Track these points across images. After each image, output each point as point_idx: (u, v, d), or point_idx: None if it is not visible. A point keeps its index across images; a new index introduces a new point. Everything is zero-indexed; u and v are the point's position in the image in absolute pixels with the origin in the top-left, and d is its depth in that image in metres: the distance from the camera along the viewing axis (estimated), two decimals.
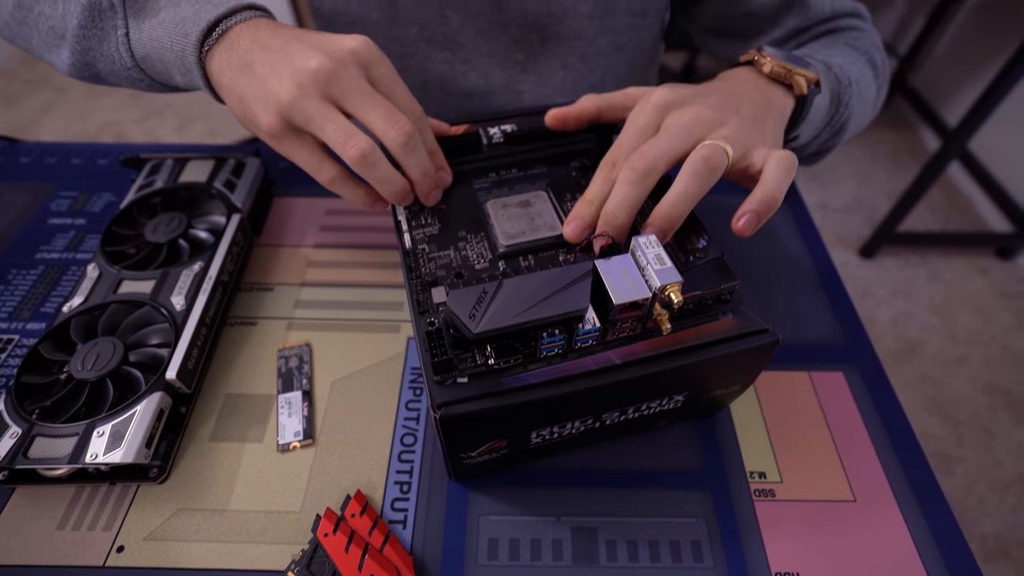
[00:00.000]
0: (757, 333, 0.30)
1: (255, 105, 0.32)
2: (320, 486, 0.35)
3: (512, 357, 0.27)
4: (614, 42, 0.53)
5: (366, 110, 0.31)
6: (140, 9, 0.35)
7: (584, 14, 0.50)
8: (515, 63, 0.53)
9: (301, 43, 0.31)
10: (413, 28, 0.51)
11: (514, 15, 0.50)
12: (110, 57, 0.37)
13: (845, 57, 0.45)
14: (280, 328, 0.42)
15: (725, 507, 0.34)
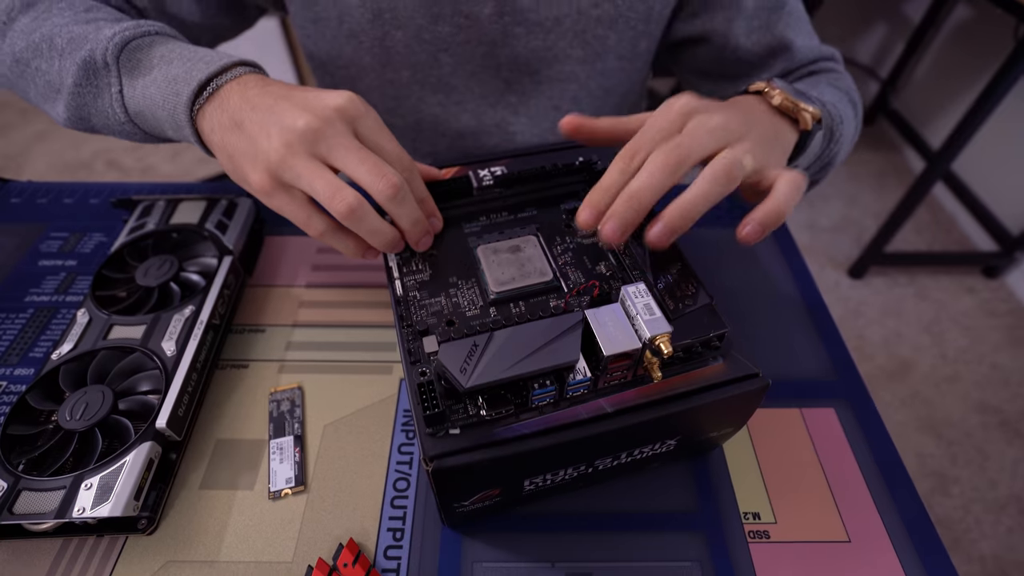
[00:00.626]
0: (747, 378, 0.30)
1: (245, 163, 0.32)
2: (312, 534, 0.34)
3: (504, 408, 0.28)
4: (604, 84, 0.54)
5: (353, 165, 0.31)
6: (134, 67, 0.36)
7: (575, 58, 0.51)
8: (507, 104, 0.54)
9: (288, 102, 0.32)
10: (406, 72, 0.51)
11: (506, 59, 0.51)
12: (104, 113, 0.37)
13: (832, 95, 0.47)
14: (272, 370, 0.42)
15: (720, 550, 0.34)
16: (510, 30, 0.49)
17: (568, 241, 0.36)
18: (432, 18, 0.48)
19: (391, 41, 0.49)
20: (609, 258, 0.35)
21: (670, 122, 0.33)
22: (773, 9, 0.50)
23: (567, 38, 0.50)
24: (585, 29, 0.49)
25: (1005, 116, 1.49)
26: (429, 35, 0.49)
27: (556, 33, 0.49)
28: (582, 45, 0.50)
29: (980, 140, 1.56)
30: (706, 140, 0.32)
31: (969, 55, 1.68)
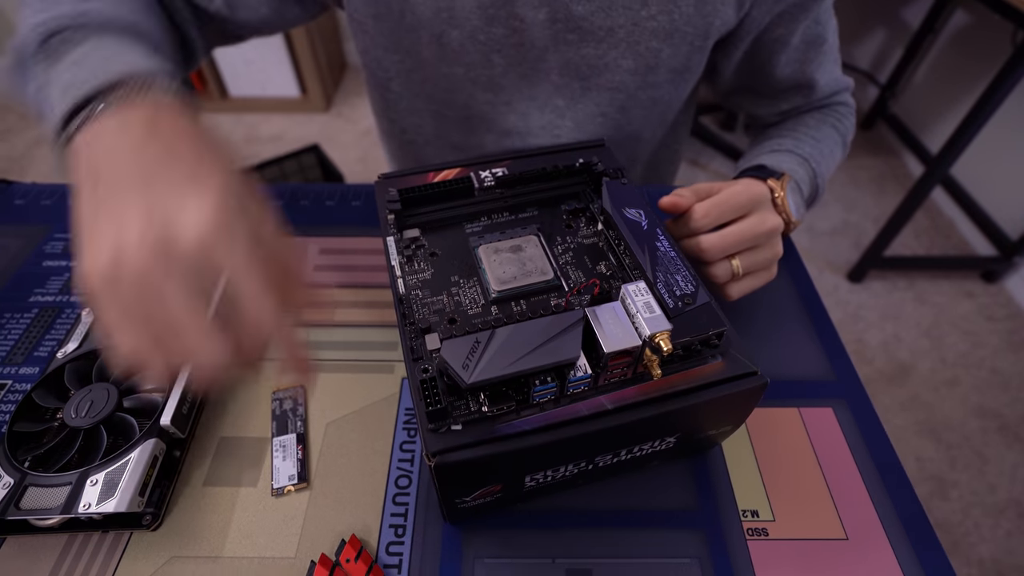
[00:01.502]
0: (746, 376, 0.30)
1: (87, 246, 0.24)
2: (315, 530, 0.34)
3: (506, 404, 0.28)
4: (653, 96, 0.55)
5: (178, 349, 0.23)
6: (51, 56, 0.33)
7: (626, 69, 0.51)
8: (554, 108, 0.55)
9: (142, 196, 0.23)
10: (460, 68, 0.52)
11: (557, 64, 0.52)
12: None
13: (827, 144, 0.53)
14: (274, 369, 0.42)
15: (719, 547, 0.34)
16: (562, 36, 0.49)
17: (569, 241, 0.37)
18: (487, 20, 0.48)
19: (447, 39, 0.50)
20: (609, 258, 0.36)
21: (742, 204, 0.41)
22: (813, 45, 0.52)
23: (619, 48, 0.50)
24: (639, 41, 0.49)
25: (1004, 121, 1.50)
26: (483, 36, 0.50)
27: (608, 43, 0.49)
28: (634, 56, 0.50)
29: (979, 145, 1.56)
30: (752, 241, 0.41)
31: (968, 60, 1.69)
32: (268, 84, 1.94)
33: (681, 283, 0.32)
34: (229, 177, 0.25)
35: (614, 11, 0.47)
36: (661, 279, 0.32)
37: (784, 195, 0.44)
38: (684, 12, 0.48)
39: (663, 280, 0.32)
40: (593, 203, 0.39)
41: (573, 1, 0.47)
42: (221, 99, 1.97)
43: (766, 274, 0.43)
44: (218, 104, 1.98)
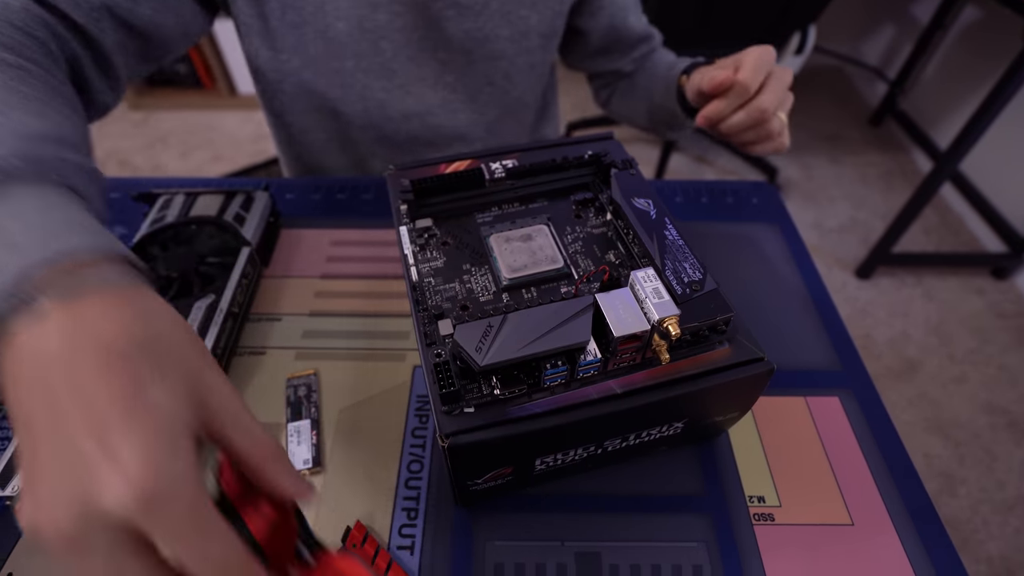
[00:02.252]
0: (753, 362, 0.31)
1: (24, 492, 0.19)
2: (329, 513, 0.35)
3: (517, 387, 0.29)
4: (529, 60, 0.59)
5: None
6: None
7: (504, 37, 0.55)
8: (446, 84, 0.59)
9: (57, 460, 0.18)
10: (351, 61, 0.54)
11: (442, 42, 0.55)
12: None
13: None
14: (288, 357, 0.43)
15: (725, 531, 0.35)
16: (443, 14, 0.52)
17: (578, 231, 0.37)
18: (371, 7, 0.51)
19: (333, 32, 0.52)
20: (618, 247, 0.36)
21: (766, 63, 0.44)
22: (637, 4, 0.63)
23: (495, 19, 0.54)
24: (510, 11, 0.54)
25: (1015, 117, 1.49)
26: (370, 23, 0.52)
27: (485, 15, 0.53)
28: (508, 25, 0.55)
29: (989, 142, 1.55)
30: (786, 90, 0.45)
31: (977, 56, 1.68)
32: None
33: (689, 270, 0.32)
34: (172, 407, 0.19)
35: None
36: (669, 266, 0.32)
37: None
38: None
39: (671, 267, 0.32)
40: (602, 194, 0.39)
41: None
42: (230, 96, 1.99)
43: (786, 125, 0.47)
44: (226, 101, 1.99)
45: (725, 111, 0.45)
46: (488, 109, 0.62)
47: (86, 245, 0.22)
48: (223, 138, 1.95)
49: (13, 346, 0.20)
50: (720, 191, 0.58)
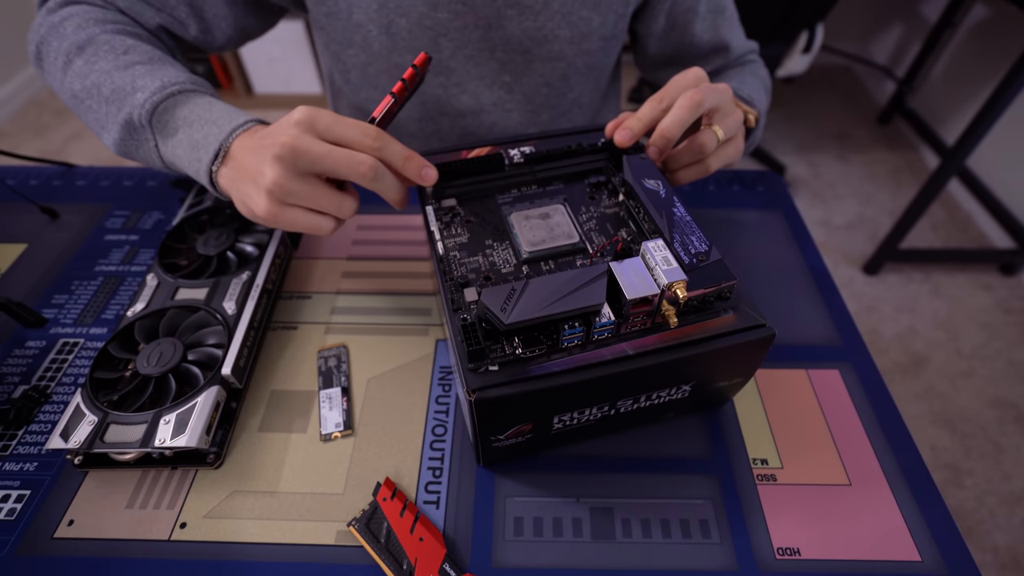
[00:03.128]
0: (755, 328, 0.33)
1: (251, 201, 0.36)
2: (360, 471, 0.38)
3: (537, 347, 0.31)
4: (588, 62, 0.60)
5: (331, 167, 0.35)
6: (163, 128, 0.41)
7: (563, 38, 0.56)
8: (502, 84, 0.59)
9: (265, 139, 0.36)
10: (410, 56, 0.56)
11: (500, 40, 0.56)
12: (146, 158, 0.43)
13: (755, 88, 0.57)
14: (319, 332, 0.46)
15: (730, 490, 0.37)
16: (503, 12, 0.53)
17: (592, 210, 0.40)
18: (432, 5, 0.53)
19: (396, 28, 0.54)
20: (630, 225, 0.39)
21: (686, 84, 0.41)
22: (717, 12, 0.59)
23: (555, 20, 0.54)
24: (571, 11, 0.54)
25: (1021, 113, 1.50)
26: (429, 21, 0.54)
27: (545, 15, 0.54)
28: (569, 26, 0.55)
29: (998, 139, 1.56)
30: (717, 97, 0.41)
31: (986, 54, 1.69)
32: (291, 81, 1.99)
33: (696, 243, 0.35)
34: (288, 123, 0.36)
35: None
36: (678, 239, 0.35)
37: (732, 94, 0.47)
38: None
39: (679, 240, 0.35)
40: (615, 177, 0.42)
41: None
42: (246, 96, 2.03)
43: (736, 143, 0.45)
44: (243, 100, 2.04)
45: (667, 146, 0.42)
46: (543, 110, 0.62)
47: (245, 118, 0.39)
48: None
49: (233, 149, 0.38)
50: (726, 180, 0.60)
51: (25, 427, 0.40)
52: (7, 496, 0.37)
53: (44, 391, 0.42)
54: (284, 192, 0.35)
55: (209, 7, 0.51)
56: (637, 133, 0.41)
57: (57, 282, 0.49)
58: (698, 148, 0.42)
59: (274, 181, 0.34)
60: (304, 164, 0.35)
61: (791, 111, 2.13)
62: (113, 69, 0.43)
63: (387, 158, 0.36)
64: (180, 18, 0.51)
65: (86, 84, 0.43)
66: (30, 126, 2.02)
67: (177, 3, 0.49)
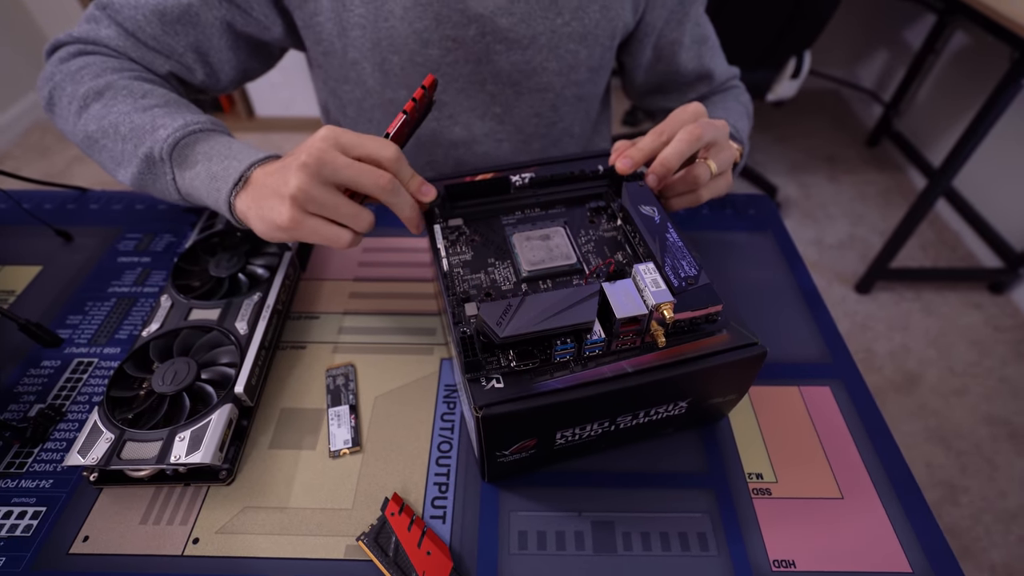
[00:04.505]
0: (747, 346, 0.35)
1: (272, 211, 0.38)
2: (368, 486, 0.39)
3: (531, 361, 0.33)
4: (577, 92, 0.62)
5: (353, 179, 0.37)
6: (182, 162, 0.43)
7: (551, 70, 0.58)
8: (493, 115, 0.62)
9: (287, 158, 0.39)
10: (403, 91, 0.58)
11: (490, 75, 0.58)
12: (162, 191, 0.45)
13: (740, 116, 0.61)
14: (327, 351, 0.47)
15: (727, 504, 0.39)
16: (492, 47, 0.55)
17: (591, 233, 0.42)
18: (422, 43, 0.55)
19: (388, 65, 0.56)
20: (625, 248, 0.41)
21: (685, 120, 0.43)
22: (701, 42, 0.62)
23: (543, 53, 0.57)
24: (559, 45, 0.56)
25: (1007, 136, 1.54)
26: (421, 58, 0.56)
27: (532, 49, 0.56)
28: (556, 59, 0.57)
29: (983, 160, 1.61)
30: (713, 132, 0.43)
31: (968, 78, 1.74)
32: (292, 105, 2.03)
33: (686, 267, 0.36)
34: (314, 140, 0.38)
35: (534, 21, 0.55)
36: (669, 263, 0.36)
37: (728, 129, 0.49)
38: (592, 17, 0.56)
39: (670, 264, 0.36)
40: (614, 202, 0.44)
41: (497, 15, 0.53)
42: (248, 119, 2.07)
43: (727, 177, 0.47)
44: (245, 124, 2.07)
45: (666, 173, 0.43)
46: (534, 139, 0.65)
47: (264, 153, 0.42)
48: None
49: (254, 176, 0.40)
50: (719, 203, 0.63)
51: (41, 445, 0.41)
52: (23, 513, 0.37)
53: (59, 409, 0.43)
54: (307, 199, 0.37)
55: (214, 53, 0.54)
56: (638, 162, 0.42)
57: (71, 303, 0.51)
58: (693, 179, 0.44)
59: (299, 187, 0.36)
60: (328, 173, 0.37)
61: (782, 134, 2.18)
62: (132, 111, 0.45)
63: (399, 175, 0.39)
64: (188, 64, 0.53)
65: (103, 125, 0.46)
66: (34, 148, 2.05)
67: (184, 51, 0.52)
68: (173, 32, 0.51)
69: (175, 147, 0.43)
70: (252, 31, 0.55)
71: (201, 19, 0.51)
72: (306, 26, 0.55)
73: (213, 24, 0.52)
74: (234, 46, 0.55)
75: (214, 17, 0.51)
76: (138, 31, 0.50)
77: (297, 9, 0.54)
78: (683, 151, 0.42)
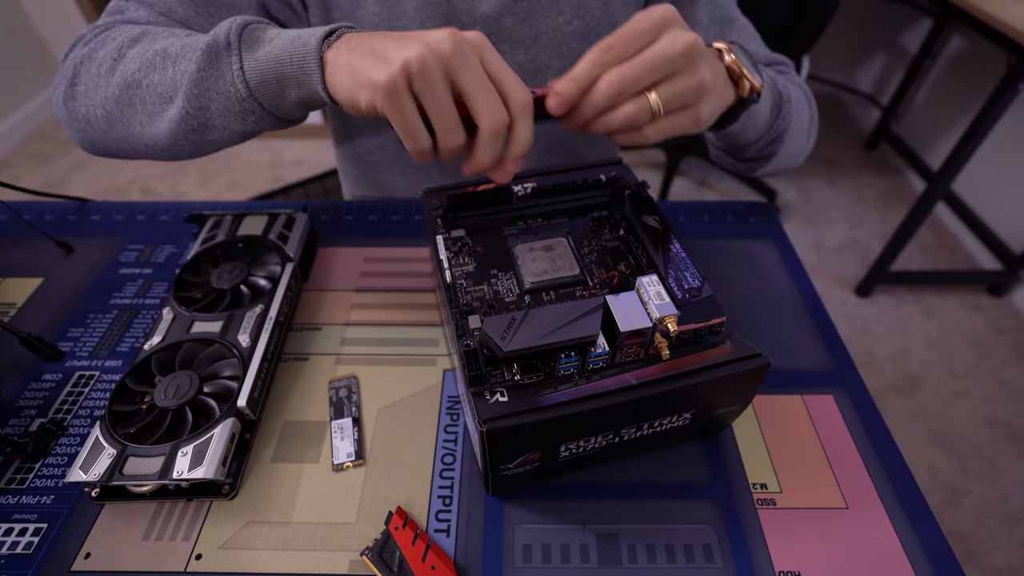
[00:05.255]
0: (751, 357, 0.35)
1: (374, 67, 0.32)
2: (371, 500, 0.39)
3: (535, 374, 0.33)
4: None
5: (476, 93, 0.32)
6: (254, 44, 0.38)
7: (555, 69, 0.58)
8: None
9: (420, 33, 0.32)
10: None
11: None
12: (225, 93, 0.39)
13: (783, 81, 0.52)
14: (329, 363, 0.47)
15: (732, 514, 0.38)
16: (497, 47, 0.55)
17: (594, 244, 0.42)
18: None
19: None
20: (629, 259, 0.41)
21: (645, 30, 0.34)
22: (725, 24, 0.57)
23: (546, 52, 0.57)
24: (561, 43, 0.57)
25: (1005, 139, 1.55)
26: None
27: (536, 48, 0.57)
28: (560, 57, 0.58)
29: (982, 163, 1.61)
30: (661, 70, 0.34)
31: (965, 82, 1.75)
32: None
33: (689, 279, 0.36)
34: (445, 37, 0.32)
35: (536, 20, 0.55)
36: (672, 275, 0.36)
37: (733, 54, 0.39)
38: (593, 15, 0.56)
39: (674, 276, 0.36)
40: (617, 212, 0.44)
41: (501, 15, 0.54)
42: None
43: (692, 112, 0.36)
44: None
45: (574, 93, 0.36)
46: (539, 139, 0.64)
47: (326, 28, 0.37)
48: (240, 165, 2.02)
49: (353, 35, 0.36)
50: (720, 211, 0.63)
51: (42, 460, 0.41)
52: (24, 529, 0.37)
53: (61, 424, 0.43)
54: (421, 74, 0.31)
55: None
56: (569, 98, 0.35)
57: (73, 315, 0.51)
58: (626, 117, 0.35)
59: (420, 57, 0.31)
60: (457, 66, 0.31)
61: None
62: (180, 39, 0.41)
63: (516, 129, 0.34)
64: None
65: (147, 57, 0.41)
66: (34, 156, 2.05)
67: None
68: (206, 13, 0.50)
69: (244, 29, 0.38)
70: (284, 18, 0.55)
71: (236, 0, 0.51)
72: (321, 21, 0.56)
73: (249, 5, 0.52)
74: None
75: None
76: (170, 11, 0.49)
77: (314, 5, 0.55)
78: (601, 104, 0.34)
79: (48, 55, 2.17)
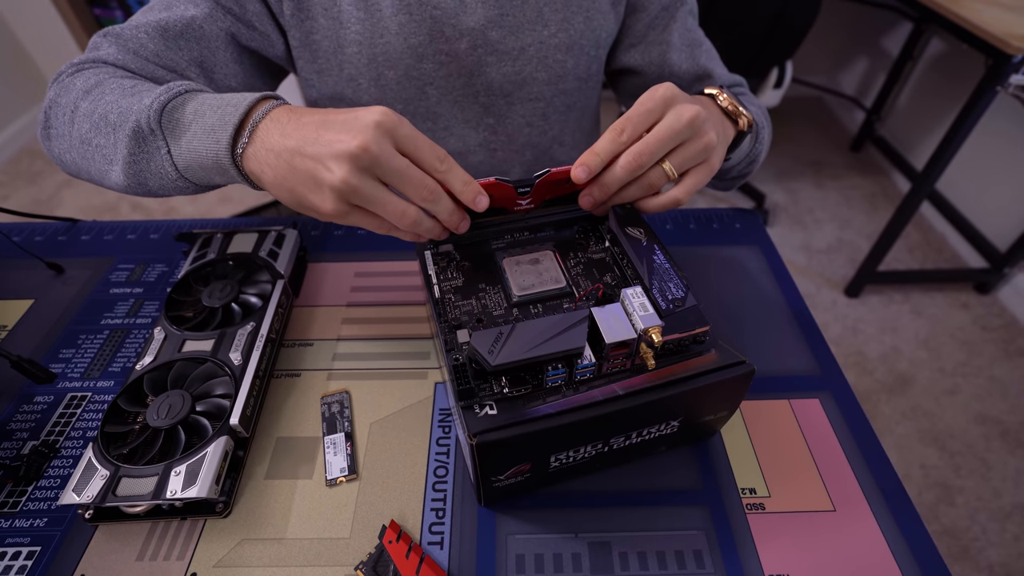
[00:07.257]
0: (736, 365, 0.35)
1: (311, 196, 0.35)
2: (365, 514, 0.39)
3: (523, 387, 0.33)
4: (566, 101, 0.64)
5: (404, 183, 0.35)
6: (174, 128, 0.39)
7: (541, 80, 0.60)
8: (487, 126, 0.63)
9: (330, 129, 0.34)
10: (399, 105, 0.60)
11: (483, 87, 0.60)
12: (158, 173, 0.41)
13: (748, 104, 0.57)
14: (321, 378, 0.48)
15: (722, 520, 0.39)
16: (483, 60, 0.58)
17: (580, 256, 0.43)
18: (417, 58, 0.56)
19: (384, 80, 0.58)
20: (614, 270, 0.42)
21: (651, 109, 0.39)
22: (694, 46, 0.62)
23: (532, 64, 0.59)
24: (547, 55, 0.59)
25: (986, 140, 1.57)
26: (416, 72, 0.57)
27: (522, 60, 0.58)
28: (545, 69, 0.60)
29: (965, 163, 1.64)
30: (670, 141, 0.39)
31: (947, 81, 1.78)
32: None
33: (673, 289, 0.37)
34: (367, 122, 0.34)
35: (522, 33, 0.57)
36: (656, 286, 0.37)
37: (726, 95, 0.47)
38: (577, 28, 0.58)
39: (658, 287, 0.37)
40: (602, 225, 0.45)
41: (487, 28, 0.56)
42: None
43: (705, 168, 0.42)
44: None
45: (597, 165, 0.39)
46: (526, 149, 0.66)
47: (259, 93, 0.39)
48: None
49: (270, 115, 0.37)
50: (706, 218, 0.64)
51: (35, 483, 0.41)
52: (18, 553, 0.37)
53: (53, 446, 0.43)
54: (352, 192, 0.34)
55: (219, 67, 0.54)
56: (594, 170, 0.39)
57: (64, 336, 0.51)
58: (647, 185, 0.41)
59: (344, 180, 0.33)
60: (377, 172, 0.34)
61: None
62: (120, 97, 0.42)
63: (448, 181, 0.37)
64: (191, 79, 0.53)
65: (93, 120, 0.42)
66: (23, 174, 2.04)
67: (188, 65, 0.52)
68: (176, 47, 0.51)
69: (163, 111, 0.39)
70: (256, 46, 0.56)
71: (205, 32, 0.51)
72: (302, 45, 0.56)
73: (218, 36, 0.52)
74: (238, 59, 0.55)
75: (219, 29, 0.52)
76: (140, 48, 0.50)
77: (294, 28, 0.55)
78: (622, 178, 0.39)
79: (35, 73, 2.17)
